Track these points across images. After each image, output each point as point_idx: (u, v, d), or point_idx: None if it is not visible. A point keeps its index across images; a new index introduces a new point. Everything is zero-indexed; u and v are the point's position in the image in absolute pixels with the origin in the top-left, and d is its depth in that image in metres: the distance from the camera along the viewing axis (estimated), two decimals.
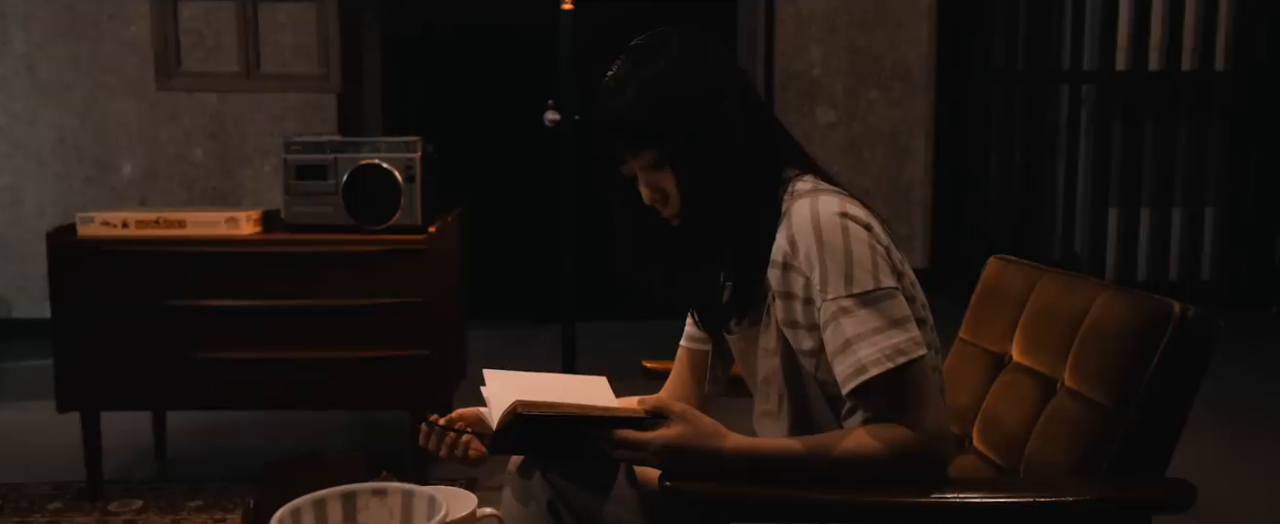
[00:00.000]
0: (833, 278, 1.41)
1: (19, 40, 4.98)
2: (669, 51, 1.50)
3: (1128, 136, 4.64)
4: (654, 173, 1.52)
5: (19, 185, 5.09)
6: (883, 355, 1.39)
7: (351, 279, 2.92)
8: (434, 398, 3.00)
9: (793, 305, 1.47)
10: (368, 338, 2.93)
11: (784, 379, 1.54)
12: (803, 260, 1.44)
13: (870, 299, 1.41)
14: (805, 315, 1.46)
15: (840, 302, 1.41)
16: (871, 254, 1.43)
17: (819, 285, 1.42)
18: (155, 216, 2.95)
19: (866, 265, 1.42)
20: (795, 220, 1.46)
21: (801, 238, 1.44)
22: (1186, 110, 4.61)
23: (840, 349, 1.41)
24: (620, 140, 1.51)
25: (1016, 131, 4.76)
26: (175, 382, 2.95)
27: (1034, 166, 4.77)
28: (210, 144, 5.10)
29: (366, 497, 1.05)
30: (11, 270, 5.15)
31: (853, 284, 1.41)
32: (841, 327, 1.41)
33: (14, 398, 4.28)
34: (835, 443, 1.40)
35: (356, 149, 2.99)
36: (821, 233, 1.43)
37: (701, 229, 1.54)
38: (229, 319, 2.92)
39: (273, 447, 3.56)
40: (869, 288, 1.41)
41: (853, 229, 1.44)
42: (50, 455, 3.41)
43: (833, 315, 1.41)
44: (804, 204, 1.47)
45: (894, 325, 1.40)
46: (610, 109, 1.50)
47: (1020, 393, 1.75)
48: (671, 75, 1.48)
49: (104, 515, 2.90)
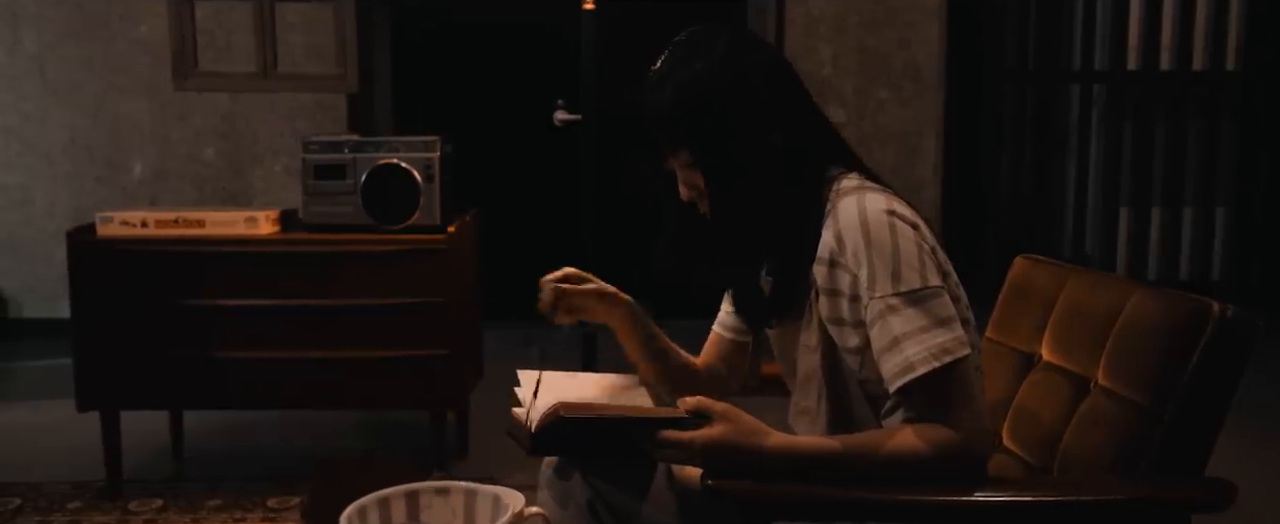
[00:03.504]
0: (880, 275, 1.41)
1: (30, 40, 4.99)
2: (712, 50, 1.50)
3: (1138, 136, 4.64)
4: (690, 171, 1.52)
5: (30, 185, 5.09)
6: (929, 353, 1.39)
7: (370, 279, 2.93)
8: (453, 398, 3.00)
9: (838, 302, 1.48)
10: (386, 338, 2.93)
11: (824, 377, 1.54)
12: (850, 257, 1.44)
13: (917, 297, 1.41)
14: (851, 312, 1.47)
15: (887, 299, 1.41)
16: (918, 252, 1.43)
17: (866, 283, 1.43)
18: (174, 216, 2.95)
19: (914, 263, 1.42)
20: (842, 217, 1.46)
21: (849, 235, 1.44)
22: (1197, 110, 4.62)
23: (887, 347, 1.41)
24: (658, 137, 1.52)
25: (1027, 131, 4.76)
26: (194, 381, 2.96)
27: (1044, 166, 4.77)
28: (221, 144, 5.10)
29: (429, 495, 1.06)
30: (22, 270, 5.15)
31: (900, 282, 1.41)
32: (889, 324, 1.41)
33: (26, 397, 4.28)
34: (877, 442, 1.40)
35: (375, 149, 2.99)
36: (869, 230, 1.43)
37: (729, 229, 1.54)
38: (248, 319, 2.93)
39: (289, 446, 3.56)
40: (916, 286, 1.41)
41: (900, 227, 1.44)
42: (66, 455, 3.41)
43: (880, 313, 1.42)
44: (851, 201, 1.47)
45: (940, 324, 1.41)
46: (650, 105, 1.51)
47: (1051, 392, 1.75)
48: (709, 77, 1.48)
49: (124, 515, 2.90)
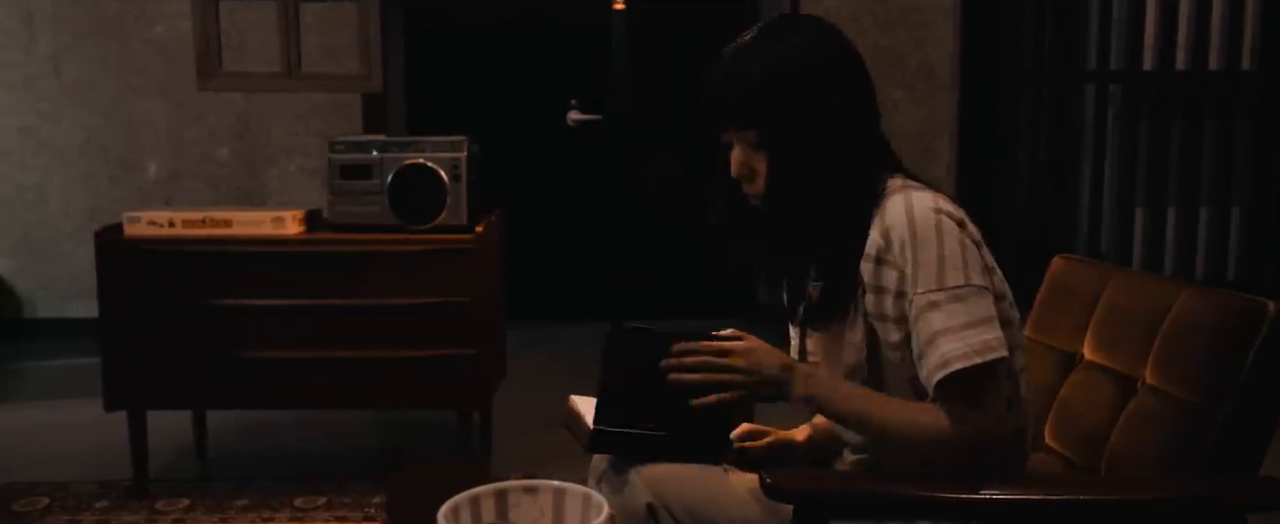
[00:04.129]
0: (924, 272, 1.44)
1: (46, 40, 4.99)
2: (805, 32, 1.52)
3: (1154, 136, 4.65)
4: (750, 151, 1.53)
5: (45, 185, 5.09)
6: (969, 350, 1.41)
7: (398, 279, 2.93)
8: (478, 398, 3.01)
9: (883, 299, 1.49)
10: (412, 338, 2.93)
11: (869, 372, 1.55)
12: (896, 254, 1.46)
13: (960, 295, 1.43)
14: (895, 308, 1.48)
15: (931, 296, 1.43)
16: (963, 251, 1.46)
17: (911, 279, 1.45)
18: (201, 216, 2.96)
19: (958, 262, 1.44)
20: (889, 215, 1.48)
21: (896, 232, 1.46)
22: (1213, 110, 4.62)
23: (928, 342, 1.43)
24: (729, 111, 1.52)
25: (1042, 131, 4.76)
26: (221, 381, 2.96)
27: (1059, 166, 4.78)
28: (236, 144, 5.10)
29: (517, 494, 1.06)
30: (37, 270, 5.15)
31: (944, 279, 1.43)
32: (930, 320, 1.43)
33: (43, 397, 4.28)
34: (904, 406, 1.47)
35: (401, 149, 2.99)
36: (916, 227, 1.45)
37: (783, 214, 1.55)
38: (275, 318, 2.93)
39: (311, 446, 3.57)
40: (959, 283, 1.43)
41: (947, 225, 1.46)
42: (89, 454, 3.41)
43: (923, 309, 1.44)
44: (898, 199, 1.49)
45: (980, 323, 1.43)
46: (727, 78, 1.51)
47: (1096, 391, 1.76)
48: (800, 56, 1.50)
49: (152, 514, 2.91)
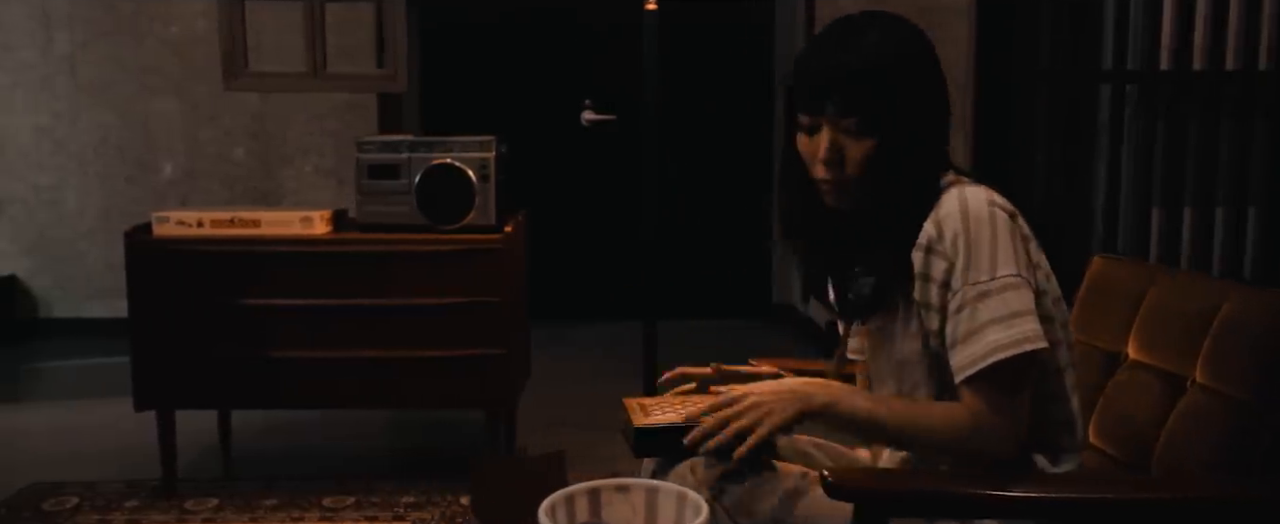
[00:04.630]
0: (977, 263, 1.46)
1: (62, 40, 4.99)
2: (901, 24, 1.54)
3: (1170, 136, 4.64)
4: (848, 137, 1.52)
5: (61, 185, 5.09)
6: (1016, 338, 1.44)
7: (425, 279, 2.93)
8: (506, 398, 3.01)
9: (928, 287, 1.52)
10: (441, 337, 2.94)
11: (927, 362, 1.56)
12: (948, 245, 1.48)
13: (1011, 284, 1.46)
14: (939, 298, 1.51)
15: (982, 286, 1.46)
16: (1013, 242, 1.49)
17: (960, 270, 1.47)
18: (230, 216, 2.96)
19: (1010, 253, 1.47)
20: (943, 207, 1.50)
21: (949, 223, 1.48)
22: (1230, 110, 4.62)
23: (973, 331, 1.46)
24: (835, 95, 1.50)
25: (1058, 131, 4.76)
26: (250, 381, 2.96)
27: (1075, 166, 4.78)
28: (251, 144, 5.11)
29: (610, 493, 1.06)
30: (52, 269, 5.15)
31: (997, 269, 1.46)
32: (979, 310, 1.46)
33: (58, 396, 4.29)
34: (927, 403, 1.50)
35: (429, 149, 3.00)
36: (970, 220, 1.48)
37: (877, 202, 1.55)
38: (303, 318, 2.93)
39: (335, 446, 3.57)
40: (1010, 273, 1.46)
41: (1000, 217, 1.49)
42: (113, 454, 3.42)
43: (972, 299, 1.46)
44: (953, 192, 1.51)
45: (1026, 313, 1.46)
46: (831, 65, 1.50)
47: (1142, 390, 1.76)
48: (899, 50, 1.51)
49: (182, 514, 2.91)
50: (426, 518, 2.88)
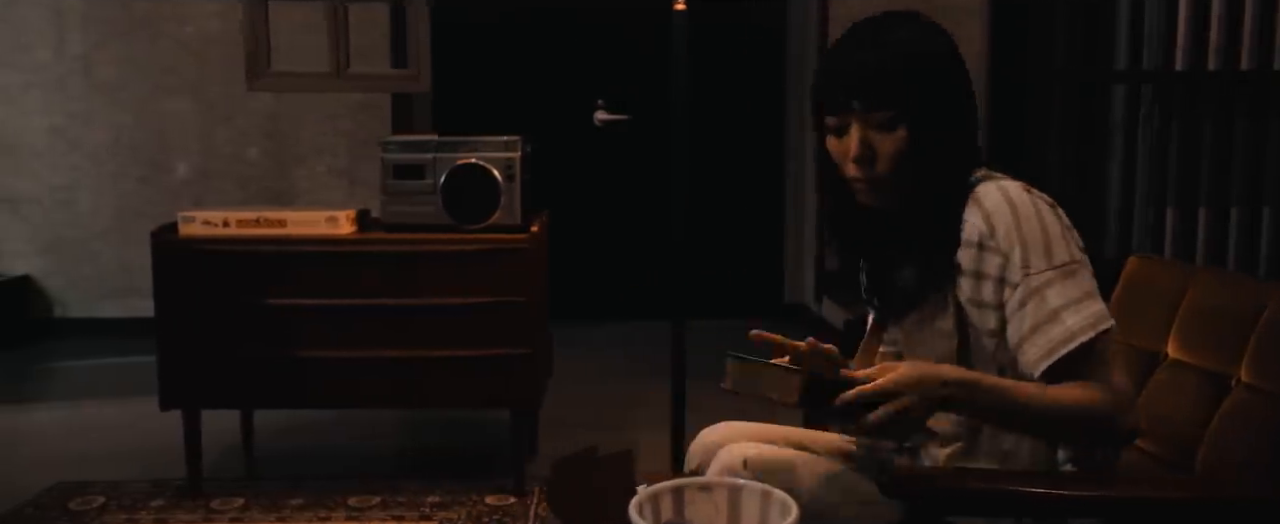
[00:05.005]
0: (1035, 254, 1.47)
1: (76, 40, 4.99)
2: (924, 25, 1.56)
3: (1185, 137, 4.65)
4: (879, 132, 1.52)
5: (75, 185, 5.10)
6: (1091, 319, 1.45)
7: (451, 278, 2.94)
8: (531, 397, 3.02)
9: (982, 285, 1.52)
10: (467, 337, 2.94)
11: (959, 361, 1.56)
12: (1001, 239, 1.49)
13: (1071, 270, 1.47)
14: (994, 295, 1.51)
15: (1044, 274, 1.47)
16: (1062, 228, 1.50)
17: (1019, 262, 1.47)
18: (256, 216, 2.96)
19: (1061, 239, 1.49)
20: (988, 201, 1.51)
21: (999, 217, 1.49)
22: (1245, 110, 4.63)
23: (1046, 319, 1.46)
24: (864, 91, 1.51)
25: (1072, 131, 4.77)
26: (275, 380, 2.96)
27: (1089, 166, 4.79)
28: (265, 143, 5.11)
29: (693, 491, 1.07)
30: (66, 269, 5.16)
31: (1053, 257, 1.47)
32: (1047, 298, 1.46)
33: (74, 396, 4.28)
34: (1045, 389, 1.44)
35: (454, 149, 3.00)
36: (1017, 210, 1.49)
37: (909, 197, 1.55)
38: (329, 318, 2.94)
39: (354, 445, 3.58)
40: (1067, 260, 1.48)
41: (1043, 206, 1.51)
42: (131, 454, 3.42)
43: (1037, 289, 1.47)
44: (991, 187, 1.53)
45: (1092, 294, 1.48)
46: (863, 60, 1.51)
47: (1184, 390, 1.77)
48: (930, 46, 1.54)
49: (208, 513, 2.91)
50: (453, 518, 2.88)
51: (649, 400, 4.01)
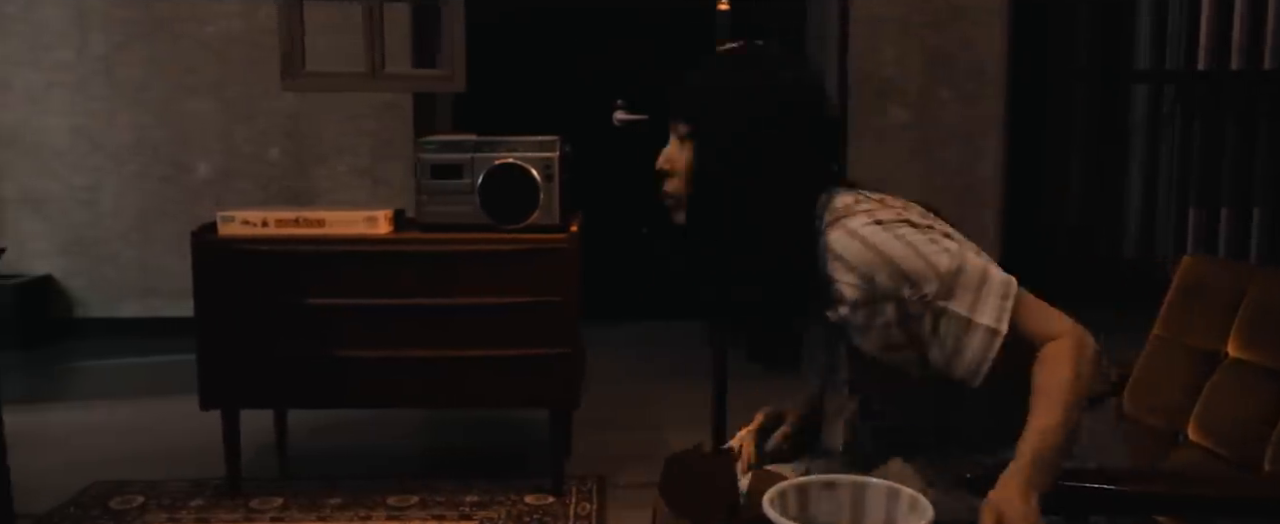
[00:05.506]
0: (922, 278, 1.44)
1: (98, 41, 4.99)
2: (769, 53, 1.61)
3: (1207, 136, 4.67)
4: (679, 145, 1.60)
5: (97, 185, 5.09)
6: (1002, 302, 1.44)
7: (490, 278, 2.94)
8: (570, 397, 3.02)
9: (888, 333, 1.49)
10: (506, 337, 2.95)
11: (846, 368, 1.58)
12: (885, 282, 1.45)
13: (957, 267, 1.45)
14: (902, 335, 1.49)
15: (941, 291, 1.44)
16: (925, 238, 1.47)
17: (912, 296, 1.45)
18: (295, 216, 2.97)
19: (933, 247, 1.46)
20: (849, 253, 1.47)
21: (869, 263, 1.46)
22: (1268, 110, 4.65)
23: (964, 330, 1.44)
24: (674, 102, 1.60)
25: (1093, 131, 4.79)
26: (314, 380, 2.97)
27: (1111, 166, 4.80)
28: (286, 143, 5.11)
29: (817, 489, 1.07)
30: (88, 269, 5.16)
31: (938, 268, 1.44)
32: (955, 312, 1.44)
33: (95, 396, 4.28)
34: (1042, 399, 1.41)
35: (493, 148, 3.01)
36: (881, 249, 1.46)
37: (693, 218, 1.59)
38: (367, 318, 2.94)
39: (388, 444, 3.58)
40: (949, 265, 1.45)
41: (896, 229, 1.48)
42: (164, 453, 3.43)
43: (942, 310, 1.45)
44: (837, 235, 1.49)
45: (988, 272, 1.45)
46: (690, 72, 1.60)
47: (1247, 389, 1.78)
48: (753, 66, 1.58)
49: (248, 513, 2.92)
50: (493, 517, 2.89)
51: (675, 401, 4.03)
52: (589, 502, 3.01)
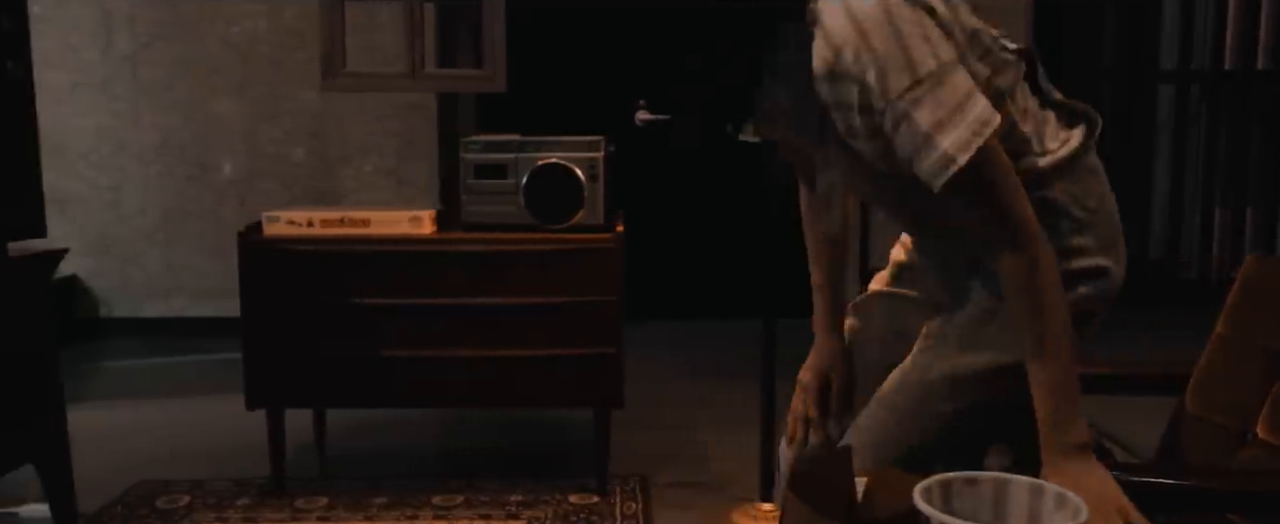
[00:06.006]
0: (895, 73, 1.31)
1: (123, 41, 5.00)
2: None
3: (1232, 136, 4.68)
4: None
5: (121, 185, 5.10)
6: (968, 134, 1.31)
7: (536, 278, 2.95)
8: (616, 396, 3.02)
9: (850, 116, 1.39)
10: (551, 336, 2.96)
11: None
12: (851, 63, 1.33)
13: (938, 78, 1.31)
14: (865, 125, 1.38)
15: (910, 94, 1.31)
16: (922, 30, 1.32)
17: (878, 89, 1.32)
18: (340, 216, 2.97)
19: (921, 45, 1.31)
20: (829, 23, 1.34)
21: (840, 38, 1.33)
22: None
23: (922, 144, 1.33)
24: None
25: (1118, 131, 4.80)
26: (359, 379, 2.97)
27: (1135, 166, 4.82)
28: (311, 143, 5.12)
29: (960, 484, 1.08)
30: (113, 269, 5.16)
31: (917, 69, 1.31)
32: (917, 120, 1.32)
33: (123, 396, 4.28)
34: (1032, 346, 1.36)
35: (536, 148, 3.01)
36: (863, 26, 1.32)
37: None
38: (412, 317, 2.95)
39: (433, 443, 3.59)
40: (932, 69, 1.31)
41: (895, 9, 1.32)
42: (205, 452, 3.43)
43: (906, 111, 1.32)
44: (829, 3, 1.36)
45: (968, 99, 1.32)
46: None
47: None
48: None
49: (294, 512, 2.92)
50: (540, 516, 2.90)
51: (715, 400, 4.04)
52: (634, 501, 3.02)
